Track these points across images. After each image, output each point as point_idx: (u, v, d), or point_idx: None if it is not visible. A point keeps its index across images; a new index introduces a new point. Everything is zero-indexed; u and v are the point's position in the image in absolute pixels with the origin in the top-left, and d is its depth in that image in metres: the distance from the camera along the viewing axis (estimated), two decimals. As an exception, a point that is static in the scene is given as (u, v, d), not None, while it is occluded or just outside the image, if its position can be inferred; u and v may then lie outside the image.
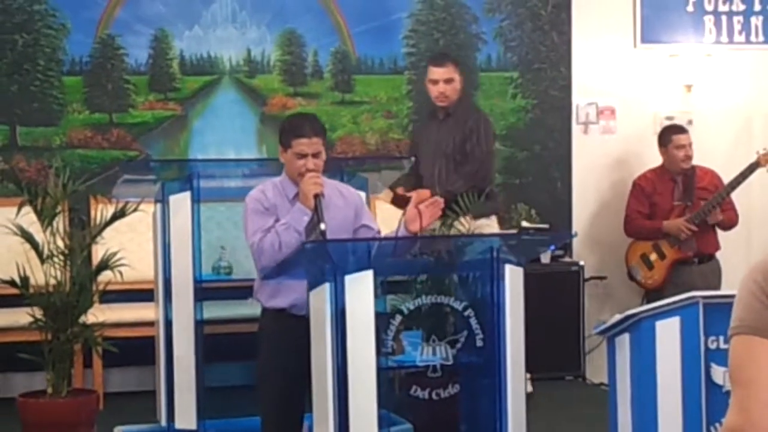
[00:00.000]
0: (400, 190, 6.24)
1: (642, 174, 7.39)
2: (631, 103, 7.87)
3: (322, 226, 4.50)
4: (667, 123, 7.61)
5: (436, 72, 6.47)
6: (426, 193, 4.88)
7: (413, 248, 4.67)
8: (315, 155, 4.71)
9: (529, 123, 7.74)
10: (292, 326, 4.53)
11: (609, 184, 7.83)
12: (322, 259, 4.19)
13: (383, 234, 4.86)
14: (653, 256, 7.20)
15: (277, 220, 4.66)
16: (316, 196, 4.58)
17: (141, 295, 6.30)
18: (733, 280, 6.52)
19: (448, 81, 6.43)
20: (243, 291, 6.53)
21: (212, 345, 5.48)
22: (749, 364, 2.23)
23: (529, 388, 6.46)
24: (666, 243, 7.13)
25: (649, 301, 7.08)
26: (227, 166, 6.29)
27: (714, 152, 7.71)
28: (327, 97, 7.45)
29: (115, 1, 7.09)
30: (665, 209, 7.17)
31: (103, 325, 5.96)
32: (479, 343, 4.40)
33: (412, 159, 6.47)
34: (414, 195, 4.83)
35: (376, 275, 4.14)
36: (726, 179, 7.21)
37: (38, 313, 5.72)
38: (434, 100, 6.51)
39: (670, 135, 7.28)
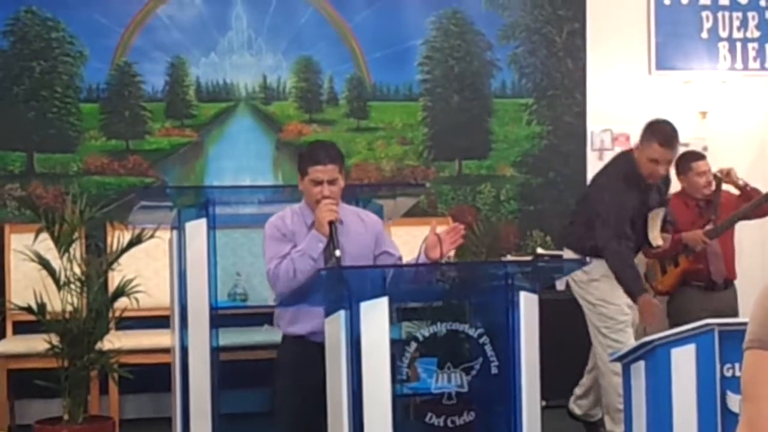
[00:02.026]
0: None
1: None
2: (646, 130, 7.86)
3: (337, 253, 4.51)
4: (683, 149, 7.58)
5: (666, 153, 5.94)
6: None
7: (434, 275, 4.65)
8: (331, 182, 4.72)
9: (543, 149, 7.75)
10: (311, 353, 4.52)
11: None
12: (337, 285, 4.21)
13: (405, 260, 4.88)
14: (669, 264, 7.12)
15: (294, 247, 4.68)
16: (331, 223, 4.60)
17: (157, 321, 6.33)
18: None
19: (671, 162, 6.09)
20: (258, 317, 6.57)
21: (228, 371, 5.49)
22: (760, 380, 2.23)
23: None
24: (683, 255, 7.05)
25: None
26: (243, 193, 6.31)
27: (729, 178, 7.70)
28: (342, 124, 7.48)
29: (132, 28, 7.14)
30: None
31: (119, 352, 5.98)
32: (494, 370, 4.40)
33: (427, 185, 6.48)
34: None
35: (391, 302, 4.15)
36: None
37: (55, 339, 5.75)
38: (646, 176, 5.98)
39: (689, 162, 7.19)
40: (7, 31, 6.98)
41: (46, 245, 5.82)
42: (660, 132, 5.96)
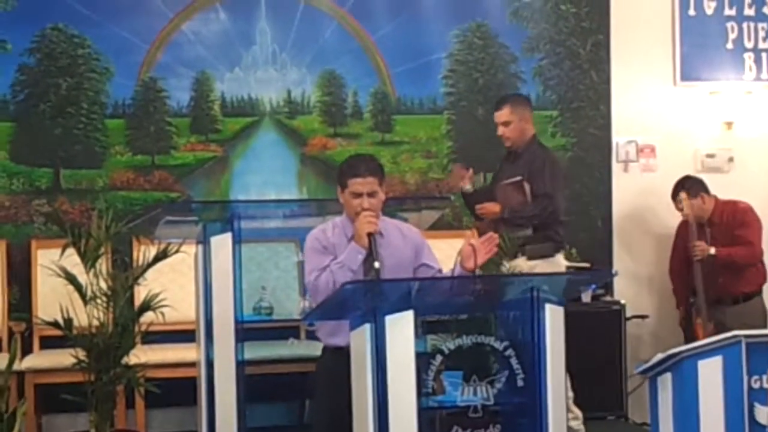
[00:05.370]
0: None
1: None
2: (671, 141, 7.85)
3: (377, 265, 4.54)
4: (691, 176, 7.50)
5: (495, 116, 6.62)
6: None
7: (470, 286, 4.63)
8: (370, 194, 4.76)
9: (568, 161, 7.73)
10: (350, 364, 4.50)
11: (650, 223, 7.80)
12: (365, 298, 4.21)
13: (445, 271, 4.87)
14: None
15: (335, 259, 4.70)
16: (370, 235, 4.62)
17: (183, 335, 6.33)
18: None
19: (505, 124, 6.55)
20: (284, 331, 6.59)
21: (253, 385, 5.49)
22: None
23: (583, 430, 6.44)
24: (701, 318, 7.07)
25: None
26: (268, 207, 6.32)
27: (755, 188, 7.68)
28: (367, 138, 7.49)
29: (158, 44, 7.17)
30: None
31: (145, 366, 5.99)
32: (520, 383, 4.39)
33: (452, 198, 6.52)
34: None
35: (416, 315, 4.15)
36: (767, 214, 7.24)
37: (81, 354, 5.76)
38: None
39: (674, 192, 7.25)
40: (33, 48, 7.03)
41: (72, 260, 5.84)
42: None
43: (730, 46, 7.95)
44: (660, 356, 4.56)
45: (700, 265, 7.05)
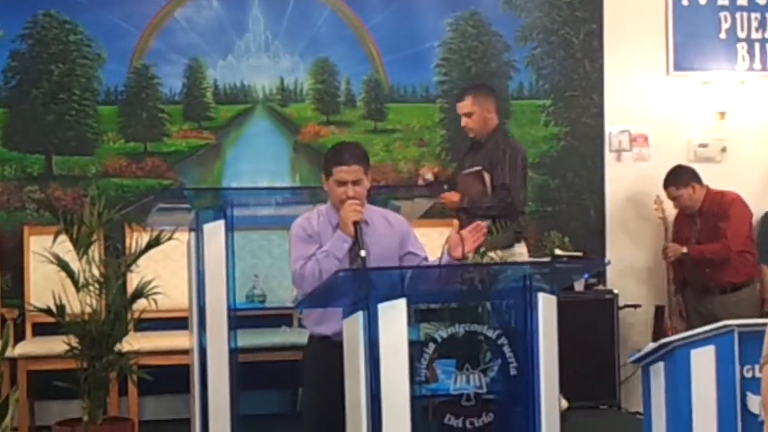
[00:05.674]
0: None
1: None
2: (664, 131, 7.85)
3: (362, 254, 4.53)
4: (687, 162, 7.53)
5: (458, 107, 6.62)
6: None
7: (453, 276, 4.63)
8: (355, 182, 4.74)
9: (561, 151, 7.74)
10: (337, 353, 4.51)
11: (643, 212, 7.80)
12: (357, 286, 4.21)
13: (431, 260, 4.87)
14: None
15: (320, 248, 4.69)
16: (356, 223, 4.61)
17: (175, 323, 6.34)
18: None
19: (468, 114, 6.55)
20: (276, 319, 6.59)
21: (246, 373, 5.49)
22: None
23: (564, 404, 6.44)
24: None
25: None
26: (260, 195, 6.31)
27: (748, 178, 7.69)
28: (359, 126, 7.48)
29: (150, 31, 7.15)
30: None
31: (138, 353, 5.99)
32: (513, 372, 4.39)
33: (445, 186, 6.51)
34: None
35: (409, 303, 4.15)
36: (759, 205, 7.25)
37: (74, 341, 5.76)
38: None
39: (665, 183, 7.28)
40: (25, 34, 7.01)
41: (64, 247, 5.83)
42: None
43: (723, 35, 7.94)
44: (653, 345, 4.57)
45: (672, 266, 7.12)
